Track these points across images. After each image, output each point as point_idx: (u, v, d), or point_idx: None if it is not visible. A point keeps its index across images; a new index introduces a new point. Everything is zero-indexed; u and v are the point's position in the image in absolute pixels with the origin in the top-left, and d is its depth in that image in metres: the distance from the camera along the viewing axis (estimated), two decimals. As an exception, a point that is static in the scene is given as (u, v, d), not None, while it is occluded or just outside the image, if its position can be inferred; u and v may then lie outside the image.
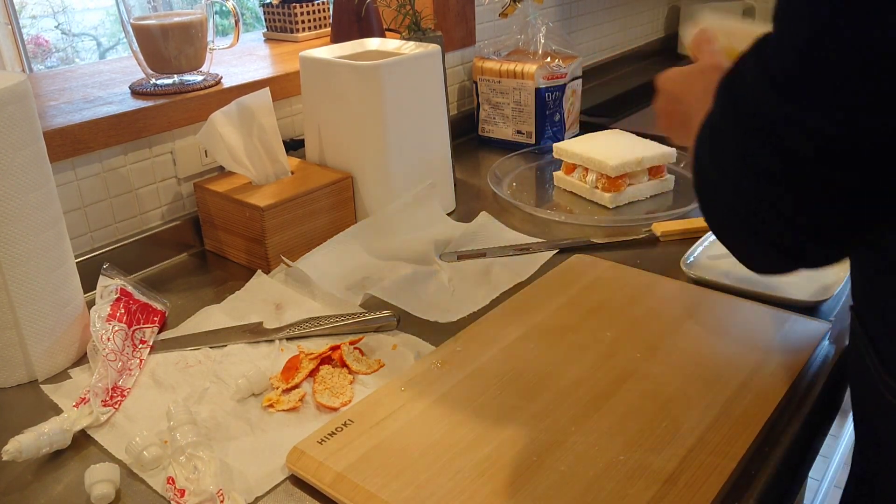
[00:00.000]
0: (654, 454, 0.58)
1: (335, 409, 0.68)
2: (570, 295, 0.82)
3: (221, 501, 0.56)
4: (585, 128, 1.43)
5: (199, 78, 1.05)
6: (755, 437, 0.60)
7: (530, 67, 1.29)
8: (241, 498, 0.57)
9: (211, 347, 0.79)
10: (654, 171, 1.12)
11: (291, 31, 1.35)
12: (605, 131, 1.22)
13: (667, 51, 2.10)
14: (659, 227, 0.99)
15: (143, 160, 0.98)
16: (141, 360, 0.76)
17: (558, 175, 1.17)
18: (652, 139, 1.15)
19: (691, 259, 0.90)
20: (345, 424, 0.63)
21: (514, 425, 0.62)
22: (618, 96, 1.64)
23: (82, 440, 0.66)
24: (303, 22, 1.35)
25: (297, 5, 1.33)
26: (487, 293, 0.86)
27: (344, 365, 0.74)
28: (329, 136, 1.02)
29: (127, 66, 1.14)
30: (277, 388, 0.71)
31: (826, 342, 0.73)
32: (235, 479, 0.60)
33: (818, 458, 0.64)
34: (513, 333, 0.76)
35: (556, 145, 1.17)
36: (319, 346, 0.77)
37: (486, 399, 0.66)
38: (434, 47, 1.01)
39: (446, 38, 1.28)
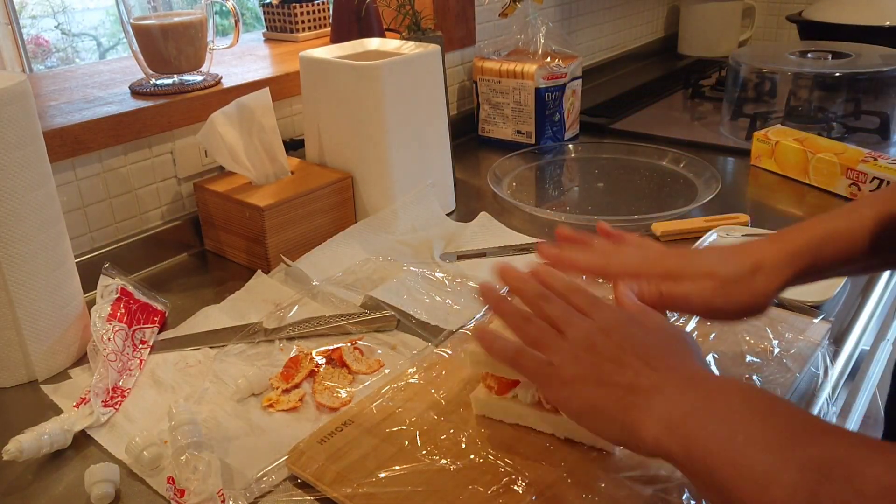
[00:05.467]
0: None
1: (335, 409, 0.68)
2: (570, 295, 0.82)
3: (222, 501, 0.56)
4: (585, 128, 1.43)
5: (199, 78, 1.05)
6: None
7: (530, 67, 1.29)
8: (241, 498, 0.57)
9: (211, 347, 0.79)
10: None
11: (291, 31, 1.35)
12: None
13: (667, 51, 2.10)
14: (659, 227, 0.99)
15: (143, 160, 0.98)
16: (141, 361, 0.76)
17: None
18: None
19: (691, 259, 0.89)
20: (345, 424, 0.63)
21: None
22: (618, 96, 1.64)
23: (82, 440, 0.66)
24: (303, 22, 1.35)
25: (297, 5, 1.33)
26: (487, 293, 0.86)
27: (344, 365, 0.74)
28: (329, 136, 1.02)
29: (127, 66, 1.14)
30: (277, 388, 0.71)
31: (826, 342, 0.73)
32: (235, 479, 0.60)
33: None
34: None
35: None
36: (319, 346, 0.77)
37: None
38: (434, 47, 1.01)
39: (446, 38, 1.28)
